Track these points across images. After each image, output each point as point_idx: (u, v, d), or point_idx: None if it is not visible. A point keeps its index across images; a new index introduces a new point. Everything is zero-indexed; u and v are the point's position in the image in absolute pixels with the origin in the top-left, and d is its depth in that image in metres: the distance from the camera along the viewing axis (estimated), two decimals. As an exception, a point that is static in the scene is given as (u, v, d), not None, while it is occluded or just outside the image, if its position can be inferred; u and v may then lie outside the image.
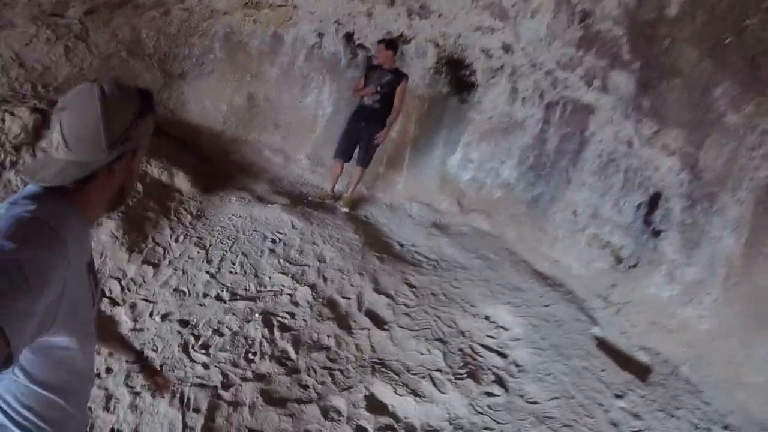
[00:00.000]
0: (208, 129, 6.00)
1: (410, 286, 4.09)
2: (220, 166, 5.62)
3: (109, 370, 2.83)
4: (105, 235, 3.68)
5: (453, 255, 4.89)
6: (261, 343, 3.13)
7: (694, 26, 4.20)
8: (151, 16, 5.58)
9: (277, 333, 3.23)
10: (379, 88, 5.14)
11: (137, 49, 5.65)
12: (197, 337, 3.12)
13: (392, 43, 5.19)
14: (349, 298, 3.76)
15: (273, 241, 4.22)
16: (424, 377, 3.14)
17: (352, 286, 3.89)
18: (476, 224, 5.80)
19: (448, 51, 5.71)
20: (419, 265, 4.55)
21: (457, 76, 5.80)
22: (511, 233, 5.57)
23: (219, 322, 3.25)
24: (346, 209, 5.43)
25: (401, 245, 4.97)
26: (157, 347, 3.04)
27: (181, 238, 4.00)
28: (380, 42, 5.20)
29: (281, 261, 3.97)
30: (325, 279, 3.89)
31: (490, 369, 3.38)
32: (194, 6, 5.67)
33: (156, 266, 3.67)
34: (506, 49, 5.34)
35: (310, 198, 5.49)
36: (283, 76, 6.11)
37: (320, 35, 5.94)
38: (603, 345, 4.00)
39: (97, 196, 1.14)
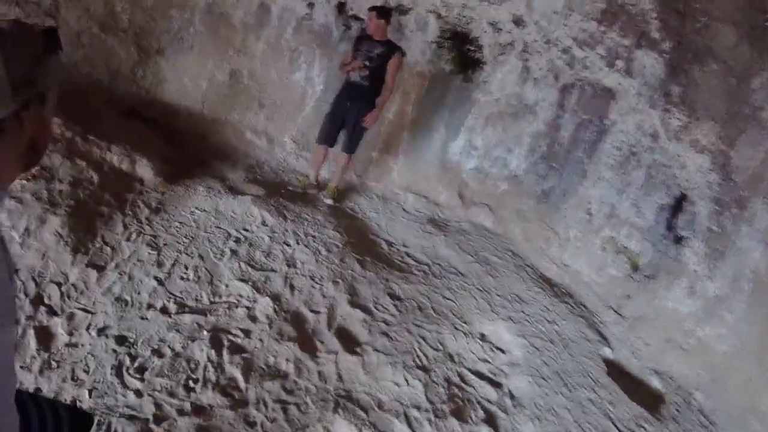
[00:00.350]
0: (186, 109, 5.57)
1: (394, 297, 3.64)
2: (195, 150, 5.18)
3: (38, 390, 2.47)
4: (48, 233, 3.26)
5: (448, 257, 4.44)
6: (205, 368, 2.71)
7: (734, 2, 3.69)
8: (124, -11, 5.14)
9: (226, 355, 2.80)
10: (367, 62, 4.61)
11: (110, 24, 5.22)
12: (133, 358, 2.70)
13: (384, 11, 4.65)
14: (317, 313, 3.30)
15: (237, 240, 3.78)
16: (397, 415, 2.71)
17: (323, 297, 3.44)
18: (478, 220, 5.35)
19: (451, 23, 5.19)
20: (407, 271, 4.09)
21: (462, 51, 5.29)
22: (516, 231, 5.13)
23: (160, 340, 2.83)
24: (329, 201, 4.96)
25: (390, 245, 4.51)
26: (89, 367, 2.63)
27: (134, 236, 3.58)
28: (371, 9, 4.66)
29: (242, 265, 3.53)
30: (292, 288, 3.44)
31: (479, 403, 2.94)
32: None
33: (102, 269, 3.24)
34: (517, 22, 4.82)
35: (290, 187, 5.03)
36: (269, 50, 5.63)
37: (310, 5, 5.44)
38: (613, 369, 3.57)
39: (7, 154, 0.96)
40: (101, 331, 2.84)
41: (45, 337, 2.74)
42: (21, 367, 2.55)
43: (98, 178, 3.86)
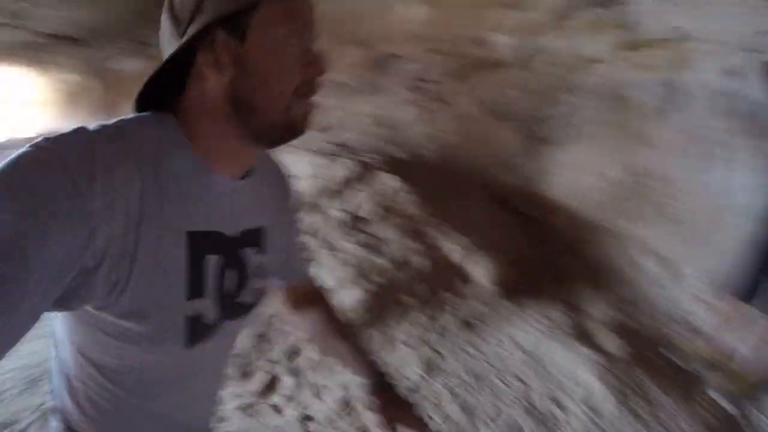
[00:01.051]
0: (563, 208, 5.13)
1: None
2: (559, 259, 4.70)
3: None
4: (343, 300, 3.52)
5: None
6: None
7: None
8: (513, 74, 5.23)
9: None
10: None
11: (496, 109, 5.46)
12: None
13: None
14: None
15: (529, 409, 2.89)
16: None
17: None
18: None
19: None
20: None
21: None
22: None
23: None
24: (729, 403, 3.24)
25: None
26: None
27: (415, 343, 3.35)
28: None
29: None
30: None
31: None
32: (558, 58, 4.89)
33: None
34: None
35: (667, 352, 3.67)
36: (676, 141, 4.47)
37: (732, 75, 4.01)
38: None
39: (198, 112, 0.88)
40: (305, 419, 2.85)
41: (268, 388, 3.01)
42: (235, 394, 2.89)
43: (423, 265, 3.95)
